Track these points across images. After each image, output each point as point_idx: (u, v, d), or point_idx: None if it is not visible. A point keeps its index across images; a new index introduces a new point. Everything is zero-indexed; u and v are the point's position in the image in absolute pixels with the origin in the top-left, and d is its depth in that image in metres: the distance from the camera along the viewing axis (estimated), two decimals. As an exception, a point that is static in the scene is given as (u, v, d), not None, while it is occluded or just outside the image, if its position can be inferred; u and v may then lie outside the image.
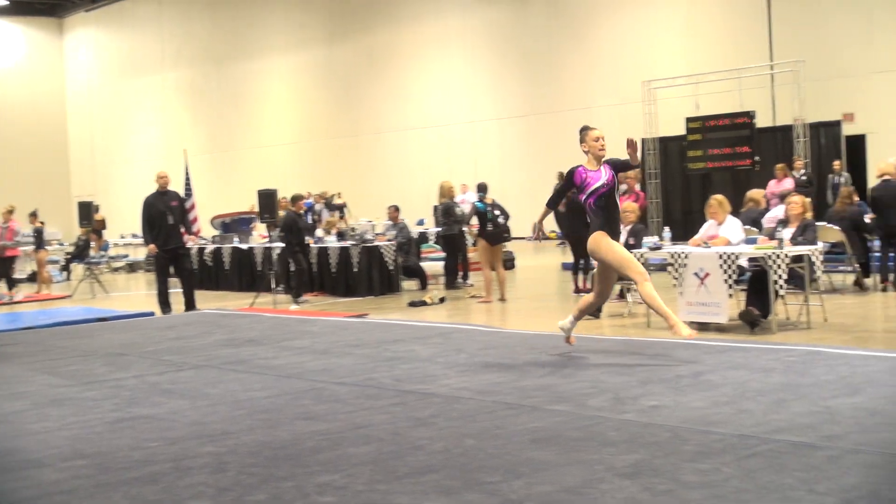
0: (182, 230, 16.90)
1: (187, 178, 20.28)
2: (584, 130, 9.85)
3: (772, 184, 21.60)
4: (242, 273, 21.96)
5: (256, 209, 21.36)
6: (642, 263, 12.80)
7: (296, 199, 19.49)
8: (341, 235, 20.55)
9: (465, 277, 19.88)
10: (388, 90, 40.04)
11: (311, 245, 19.64)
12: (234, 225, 26.65)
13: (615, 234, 9.79)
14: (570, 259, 17.35)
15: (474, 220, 17.36)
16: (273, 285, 18.85)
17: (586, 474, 5.94)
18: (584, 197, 9.74)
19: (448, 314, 15.66)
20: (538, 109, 35.14)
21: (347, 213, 31.45)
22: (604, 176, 9.65)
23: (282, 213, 19.41)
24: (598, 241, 9.68)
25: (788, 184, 20.56)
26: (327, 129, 42.52)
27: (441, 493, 5.74)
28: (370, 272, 19.01)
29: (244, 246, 22.22)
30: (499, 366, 9.92)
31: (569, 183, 9.86)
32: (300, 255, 18.55)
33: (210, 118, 47.89)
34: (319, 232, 21.71)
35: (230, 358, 11.12)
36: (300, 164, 43.39)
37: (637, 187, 18.07)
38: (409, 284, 19.88)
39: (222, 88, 47.09)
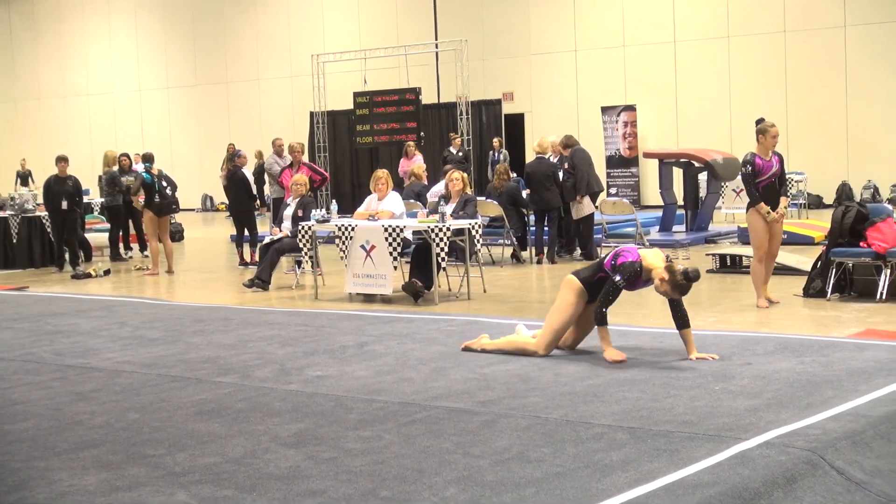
0: None
1: None
2: None
3: (403, 162, 22.38)
4: None
5: None
6: (310, 237, 12.98)
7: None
8: (-1, 205, 19.62)
9: (129, 248, 19.31)
10: (51, 54, 38.41)
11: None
12: None
13: None
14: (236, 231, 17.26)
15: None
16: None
17: (251, 444, 6.02)
18: None
19: (113, 287, 15.32)
20: (207, 80, 34.67)
21: (31, 182, 30.11)
22: None
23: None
24: None
25: (419, 160, 21.16)
26: (-18, 94, 40.41)
27: (102, 467, 5.68)
28: (31, 243, 18.28)
29: None
30: (164, 339, 9.83)
31: None
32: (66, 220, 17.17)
33: None
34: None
35: None
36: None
37: (304, 159, 18.10)
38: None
39: None
